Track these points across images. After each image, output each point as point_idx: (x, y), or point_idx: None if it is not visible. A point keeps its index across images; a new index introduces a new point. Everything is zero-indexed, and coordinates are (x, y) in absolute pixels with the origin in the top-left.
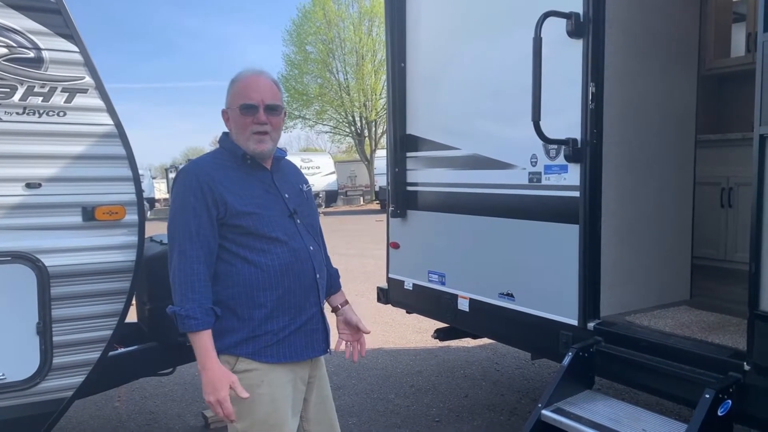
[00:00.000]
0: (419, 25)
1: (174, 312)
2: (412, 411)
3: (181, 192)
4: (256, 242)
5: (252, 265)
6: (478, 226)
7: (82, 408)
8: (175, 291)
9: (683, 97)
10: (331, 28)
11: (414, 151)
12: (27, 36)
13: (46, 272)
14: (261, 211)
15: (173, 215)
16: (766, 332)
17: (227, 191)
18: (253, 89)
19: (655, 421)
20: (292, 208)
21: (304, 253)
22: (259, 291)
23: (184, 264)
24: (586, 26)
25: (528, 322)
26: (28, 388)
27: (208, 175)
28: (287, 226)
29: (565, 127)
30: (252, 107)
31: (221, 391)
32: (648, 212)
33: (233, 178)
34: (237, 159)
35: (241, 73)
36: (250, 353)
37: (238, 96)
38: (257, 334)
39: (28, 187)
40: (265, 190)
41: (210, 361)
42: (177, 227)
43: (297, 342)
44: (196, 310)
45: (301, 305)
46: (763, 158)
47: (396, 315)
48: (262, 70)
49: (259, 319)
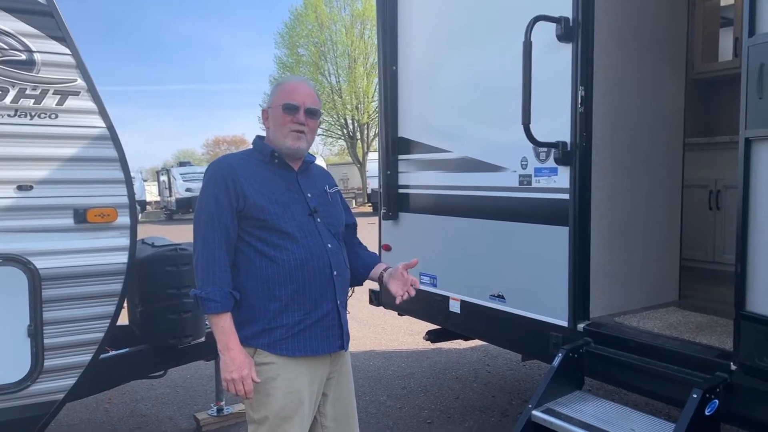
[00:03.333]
0: (411, 29)
1: (195, 295)
2: (404, 413)
3: (207, 183)
4: (272, 237)
5: (268, 259)
6: (469, 229)
7: (73, 411)
8: (197, 275)
9: (671, 100)
10: (323, 30)
11: (406, 153)
12: (19, 38)
13: (38, 274)
14: (278, 206)
15: (199, 204)
16: (752, 332)
17: (248, 185)
18: (297, 92)
19: (643, 421)
20: (312, 207)
21: (321, 250)
22: (273, 284)
23: (206, 249)
24: (575, 30)
25: (518, 324)
26: (19, 390)
27: (233, 169)
28: (305, 223)
29: (555, 130)
30: (294, 107)
31: (245, 369)
32: (637, 214)
33: (257, 174)
34: (265, 157)
35: (288, 78)
36: (267, 345)
37: (282, 96)
38: (272, 327)
39: (20, 189)
40: (287, 188)
41: (232, 341)
42: (201, 215)
43: (312, 337)
44: (216, 293)
45: (316, 301)
46: (748, 161)
47: (388, 317)
48: (307, 79)
49: (274, 312)
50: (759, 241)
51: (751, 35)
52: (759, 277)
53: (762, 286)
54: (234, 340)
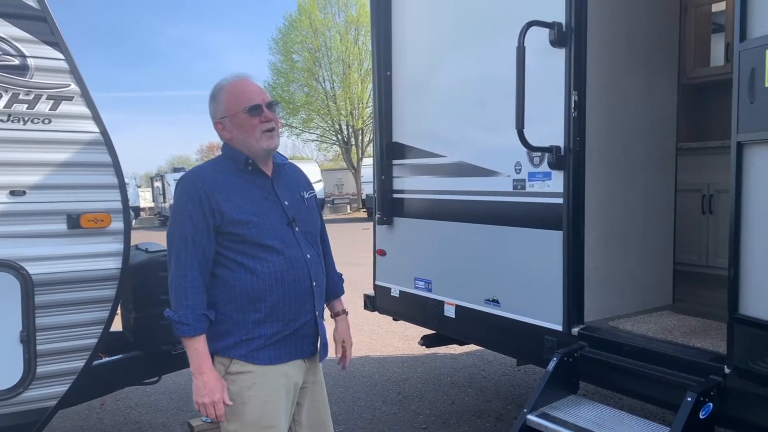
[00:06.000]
0: (405, 34)
1: (169, 317)
2: (399, 418)
3: (180, 199)
4: (252, 250)
5: (248, 271)
6: (463, 233)
7: (66, 418)
8: (171, 296)
9: (664, 105)
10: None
11: (400, 158)
12: (12, 43)
13: (30, 280)
14: (257, 219)
15: (172, 221)
16: (745, 335)
17: (224, 199)
18: (251, 91)
19: (638, 425)
20: (290, 216)
21: (301, 262)
22: (253, 296)
23: (179, 270)
24: (568, 36)
25: (513, 328)
26: (11, 397)
27: (207, 183)
28: (285, 233)
29: (549, 135)
30: (258, 107)
31: (216, 393)
32: (631, 219)
33: (232, 185)
34: (238, 165)
35: (227, 81)
36: (243, 355)
37: (238, 101)
38: (250, 337)
39: (13, 194)
40: (264, 197)
41: (205, 365)
42: (174, 234)
43: (288, 344)
44: (189, 316)
45: (295, 312)
46: (740, 165)
47: (383, 322)
48: (246, 74)
49: (253, 323)
50: (751, 244)
51: (742, 40)
52: (752, 280)
53: (755, 290)
54: (207, 364)
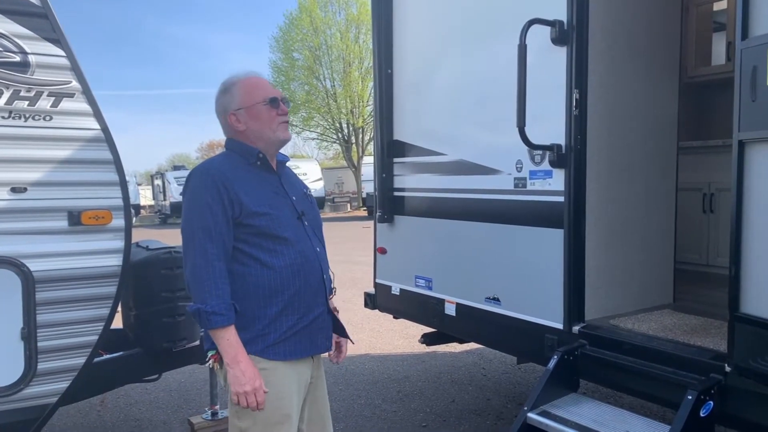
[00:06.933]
0: (406, 32)
1: (198, 309)
2: (399, 416)
3: (196, 191)
4: (268, 243)
5: (264, 266)
6: (464, 231)
7: (66, 415)
8: (195, 289)
9: (665, 104)
10: (318, 35)
11: (401, 156)
12: (13, 40)
13: (32, 277)
14: (273, 211)
15: (188, 214)
16: (746, 334)
17: (242, 191)
18: (265, 85)
19: (639, 423)
20: (300, 210)
21: (312, 254)
22: (270, 291)
23: (205, 261)
24: (570, 34)
25: (514, 326)
26: (12, 394)
27: (224, 174)
28: (296, 227)
29: (550, 133)
30: (276, 100)
31: (257, 380)
32: (631, 217)
33: (245, 178)
34: (249, 159)
35: (240, 76)
36: (259, 351)
37: (255, 93)
38: (266, 333)
39: (14, 191)
40: (274, 192)
41: (241, 354)
42: (194, 225)
43: (302, 340)
44: (221, 306)
45: (309, 305)
46: (741, 164)
47: (383, 320)
48: (257, 71)
49: (269, 318)
50: (752, 243)
51: (743, 38)
52: (752, 279)
53: (755, 288)
54: (242, 353)
